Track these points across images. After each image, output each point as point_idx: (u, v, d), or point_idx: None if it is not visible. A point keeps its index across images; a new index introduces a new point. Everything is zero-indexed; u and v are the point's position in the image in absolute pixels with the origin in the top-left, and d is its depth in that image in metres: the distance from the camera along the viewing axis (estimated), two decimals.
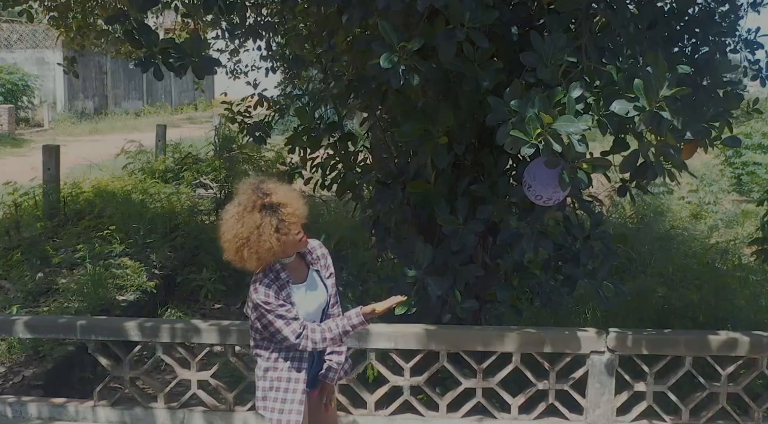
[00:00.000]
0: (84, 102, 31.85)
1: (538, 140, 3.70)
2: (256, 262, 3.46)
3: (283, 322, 3.45)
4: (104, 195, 10.78)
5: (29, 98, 28.36)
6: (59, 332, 5.12)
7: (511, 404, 4.78)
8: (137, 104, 35.61)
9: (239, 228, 3.40)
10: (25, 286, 7.73)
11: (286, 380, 3.59)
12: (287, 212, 3.44)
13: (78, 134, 25.54)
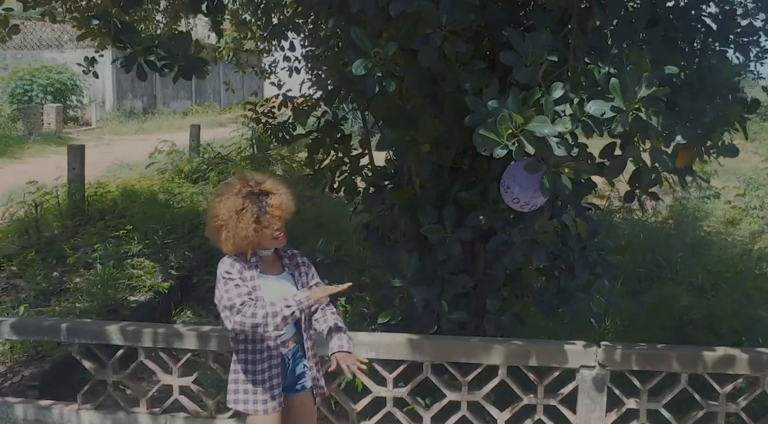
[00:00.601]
0: (132, 101, 32.30)
1: (510, 142, 3.54)
2: (232, 247, 3.46)
3: (235, 290, 3.41)
4: (130, 195, 10.83)
5: (78, 98, 28.82)
6: (44, 335, 5.09)
7: (498, 418, 4.60)
8: (186, 104, 36.01)
9: (221, 209, 3.44)
10: (38, 285, 7.77)
11: (256, 373, 3.57)
12: (272, 203, 3.44)
13: (124, 133, 25.90)
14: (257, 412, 3.59)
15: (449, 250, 4.72)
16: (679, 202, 13.28)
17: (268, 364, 3.58)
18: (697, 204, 13.41)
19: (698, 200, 13.91)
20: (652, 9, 4.58)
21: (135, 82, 32.24)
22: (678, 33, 4.60)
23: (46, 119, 25.45)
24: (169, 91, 36.17)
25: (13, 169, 16.20)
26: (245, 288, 3.43)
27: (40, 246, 8.63)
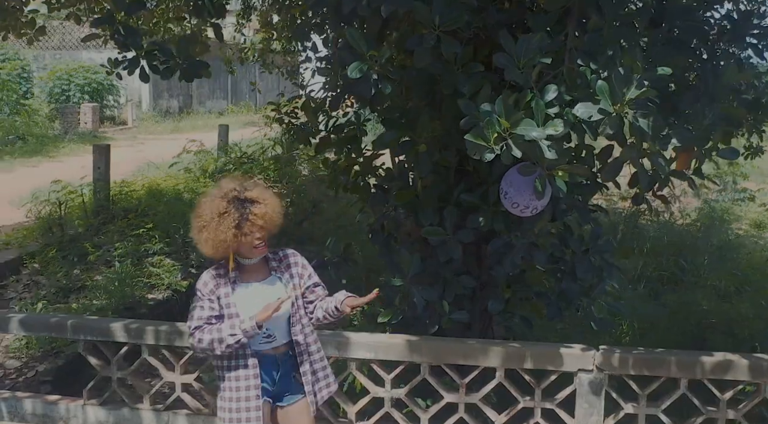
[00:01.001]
0: (168, 101, 32.60)
1: (498, 145, 3.53)
2: (212, 249, 3.47)
3: (197, 312, 3.49)
4: (155, 194, 10.95)
5: (115, 97, 29.19)
6: (51, 331, 5.18)
7: (495, 420, 4.60)
8: (222, 104, 36.24)
9: (205, 209, 3.46)
10: (59, 282, 7.90)
11: (237, 389, 3.55)
12: (255, 211, 3.44)
13: (159, 133, 26.18)
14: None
15: (450, 251, 4.72)
16: (708, 205, 13.09)
17: (245, 373, 3.55)
18: (727, 206, 13.21)
19: (730, 203, 13.71)
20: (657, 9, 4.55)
21: (171, 82, 32.49)
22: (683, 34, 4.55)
23: (82, 118, 25.85)
24: (205, 91, 36.44)
25: (46, 167, 16.46)
26: (207, 311, 3.49)
27: (63, 244, 8.77)
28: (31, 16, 8.11)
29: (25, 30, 8.21)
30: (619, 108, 3.43)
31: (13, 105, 24.69)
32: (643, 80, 3.46)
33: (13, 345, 6.65)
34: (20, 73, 26.86)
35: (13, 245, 9.12)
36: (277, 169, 11.79)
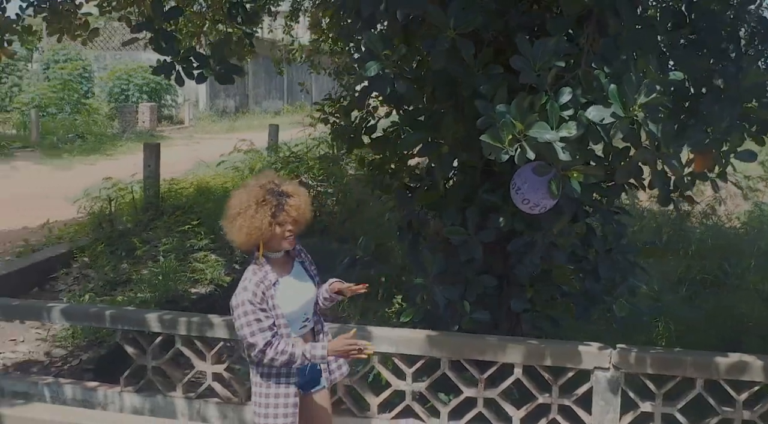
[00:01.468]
0: (225, 101, 33.17)
1: (512, 147, 3.63)
2: (245, 237, 3.54)
3: (257, 326, 3.47)
4: (203, 192, 11.24)
5: (173, 97, 29.82)
6: (91, 321, 5.43)
7: (513, 416, 4.69)
8: (277, 104, 36.73)
9: (243, 197, 3.56)
10: (107, 275, 8.20)
11: (277, 385, 3.64)
12: (290, 203, 3.56)
13: (215, 132, 26.65)
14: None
15: (471, 251, 4.83)
16: (759, 208, 12.92)
17: (287, 369, 3.64)
18: None
19: None
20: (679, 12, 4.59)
21: None
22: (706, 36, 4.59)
23: (140, 118, 26.49)
24: (261, 91, 36.98)
25: (103, 165, 16.98)
26: (266, 321, 3.50)
27: (112, 239, 9.09)
28: (84, 18, 8.42)
29: (79, 32, 8.50)
30: (630, 112, 3.49)
31: (74, 104, 25.44)
32: (654, 85, 3.51)
33: (60, 335, 6.94)
34: (81, 73, 27.64)
35: (65, 240, 9.49)
36: (322, 169, 11.97)
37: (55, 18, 8.06)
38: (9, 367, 6.35)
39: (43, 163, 18.87)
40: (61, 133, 22.30)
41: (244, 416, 5.01)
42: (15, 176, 17.20)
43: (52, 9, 7.95)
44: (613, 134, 3.61)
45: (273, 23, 14.74)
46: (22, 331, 7.15)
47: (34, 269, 8.41)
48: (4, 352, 6.69)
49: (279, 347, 3.45)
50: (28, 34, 8.58)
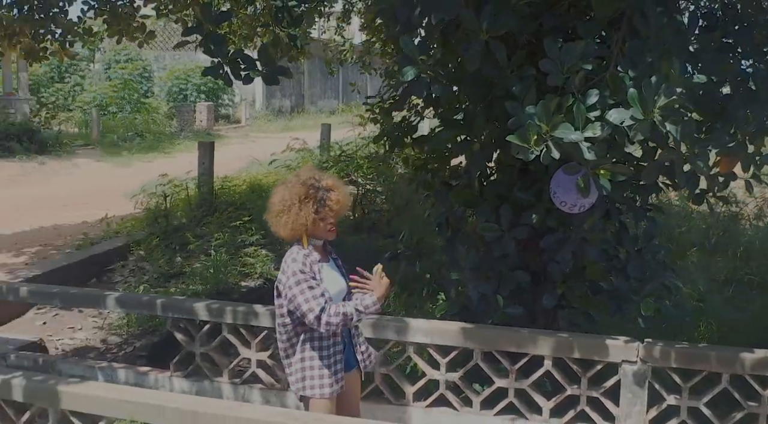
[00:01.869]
0: (281, 100, 33.65)
1: (538, 147, 3.80)
2: (289, 232, 3.78)
3: (310, 294, 3.66)
4: (255, 189, 11.56)
5: (230, 97, 30.38)
6: (143, 309, 5.74)
7: (543, 406, 4.85)
8: (332, 103, 37.11)
9: (286, 195, 3.78)
10: (161, 268, 8.53)
11: (321, 358, 3.85)
12: (332, 198, 3.79)
13: (271, 131, 27.07)
14: (324, 396, 3.85)
15: (504, 247, 5.00)
16: None
17: (333, 341, 3.88)
18: None
19: None
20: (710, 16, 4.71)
21: (284, 82, 33.27)
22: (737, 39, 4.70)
23: (198, 117, 27.07)
24: (316, 91, 37.39)
25: (160, 163, 17.43)
26: (318, 288, 3.70)
27: (167, 233, 9.44)
28: (141, 21, 8.77)
29: (137, 34, 8.85)
30: (649, 115, 3.63)
31: (134, 103, 26.10)
32: (674, 88, 3.65)
33: (116, 323, 7.29)
34: (141, 73, 28.34)
35: (122, 234, 9.89)
36: (371, 168, 12.20)
37: (114, 20, 8.43)
38: (67, 352, 6.71)
39: (103, 161, 19.47)
40: (121, 132, 22.94)
41: (286, 401, 5.25)
42: (77, 173, 17.81)
43: (112, 12, 8.33)
44: (633, 136, 3.76)
45: (326, 24, 15.06)
46: (80, 319, 7.51)
47: (92, 262, 8.80)
48: (62, 338, 7.05)
49: (332, 311, 3.65)
50: (89, 35, 8.97)
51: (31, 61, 9.26)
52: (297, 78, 35.07)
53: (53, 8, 8.13)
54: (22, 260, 9.32)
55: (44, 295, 6.03)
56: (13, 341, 6.39)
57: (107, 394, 3.87)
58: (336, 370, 3.89)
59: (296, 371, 3.92)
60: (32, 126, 21.00)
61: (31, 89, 25.95)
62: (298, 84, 35.36)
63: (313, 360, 3.86)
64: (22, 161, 18.15)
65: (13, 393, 4.00)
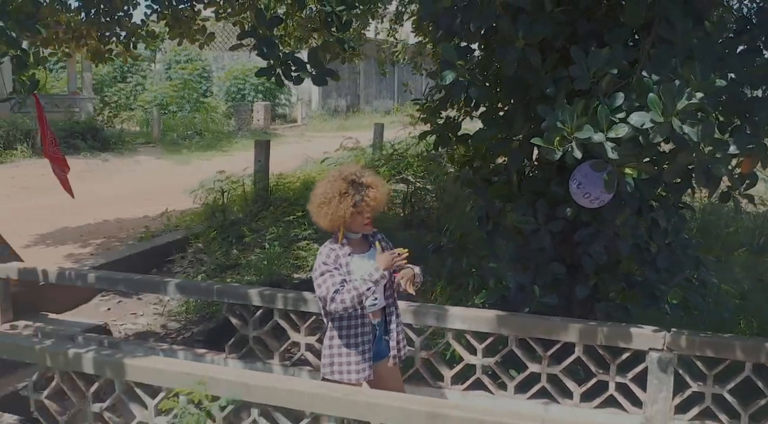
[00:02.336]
0: (337, 100, 34.15)
1: (562, 147, 4.09)
2: (328, 223, 4.12)
3: (330, 279, 4.02)
4: (309, 186, 11.96)
5: (286, 96, 30.98)
6: (200, 294, 6.15)
7: (574, 391, 5.12)
8: (387, 103, 37.48)
9: (328, 188, 4.12)
10: (218, 260, 8.98)
11: (346, 347, 4.19)
12: (371, 195, 4.11)
13: (326, 130, 27.58)
14: (350, 381, 4.17)
15: (540, 240, 5.28)
16: None
17: (362, 330, 4.21)
18: None
19: None
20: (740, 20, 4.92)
21: (340, 82, 33.91)
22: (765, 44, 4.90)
23: (255, 116, 27.72)
24: (372, 91, 37.81)
25: (219, 161, 17.99)
26: (338, 277, 4.05)
27: (224, 227, 9.91)
28: (202, 23, 9.21)
29: (197, 36, 9.29)
30: (668, 117, 3.89)
31: (193, 103, 26.82)
32: (693, 92, 3.90)
33: (175, 310, 7.74)
34: (201, 73, 29.08)
35: (182, 227, 10.40)
36: (420, 166, 12.52)
37: (176, 23, 8.87)
38: (129, 336, 7.16)
39: (163, 158, 20.13)
40: (180, 131, 23.64)
41: None
42: (138, 170, 18.47)
43: (174, 15, 8.77)
44: (653, 137, 4.01)
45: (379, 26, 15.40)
46: (141, 306, 7.98)
47: (153, 253, 9.31)
48: (125, 323, 7.52)
49: (344, 290, 3.99)
50: (152, 38, 9.45)
51: (96, 62, 9.74)
52: (353, 78, 35.58)
53: (118, 12, 8.61)
54: (87, 250, 9.87)
55: (110, 280, 6.49)
56: (80, 324, 6.87)
57: (168, 367, 4.25)
58: (364, 358, 4.20)
59: (325, 356, 4.27)
60: (96, 124, 21.81)
61: (95, 89, 26.85)
62: (354, 84, 35.84)
63: (341, 347, 4.20)
64: (86, 158, 18.89)
65: (83, 366, 4.40)
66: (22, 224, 10.95)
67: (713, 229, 11.01)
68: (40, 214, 12.05)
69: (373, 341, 4.31)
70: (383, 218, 10.60)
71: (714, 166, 4.28)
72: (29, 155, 18.18)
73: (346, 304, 4.01)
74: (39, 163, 16.42)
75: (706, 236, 10.65)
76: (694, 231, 10.74)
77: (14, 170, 16.70)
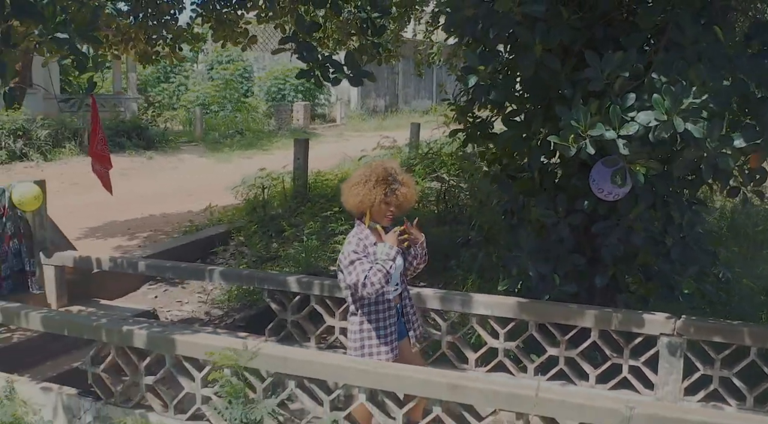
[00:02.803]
0: (375, 100, 34.58)
1: (577, 144, 4.43)
2: (357, 203, 4.45)
3: (360, 267, 4.34)
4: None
5: (326, 97, 31.48)
6: (243, 282, 6.59)
7: (590, 374, 5.46)
8: (426, 103, 37.84)
9: (367, 172, 4.48)
10: (258, 252, 9.43)
11: (376, 329, 4.55)
12: (401, 190, 4.48)
13: (364, 130, 27.98)
14: (382, 361, 4.46)
15: (560, 231, 5.63)
16: None
17: (388, 314, 4.56)
18: None
19: None
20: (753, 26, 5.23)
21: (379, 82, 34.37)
22: None
23: (295, 116, 28.24)
24: (410, 91, 38.19)
25: (259, 159, 18.50)
26: (367, 264, 4.36)
27: (264, 221, 10.37)
28: (244, 26, 9.66)
29: (239, 39, 9.73)
30: (671, 115, 4.22)
31: (234, 103, 27.41)
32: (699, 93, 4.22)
33: (218, 298, 8.20)
34: (242, 73, 29.67)
35: (224, 221, 10.88)
36: (454, 164, 12.87)
37: (220, 26, 9.33)
38: (175, 322, 7.62)
39: (206, 157, 20.70)
40: (222, 130, 24.22)
41: None
42: (181, 168, 19.03)
43: (218, 19, 9.23)
44: (658, 135, 4.35)
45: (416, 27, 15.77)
46: (186, 294, 8.46)
47: (197, 245, 9.78)
48: (171, 310, 7.99)
49: (371, 273, 4.31)
50: (197, 40, 9.91)
51: (144, 64, 10.23)
52: (392, 78, 35.99)
53: (165, 15, 9.09)
54: (135, 242, 10.39)
55: (158, 268, 6.96)
56: (130, 309, 7.35)
57: (213, 342, 4.67)
58: (391, 339, 4.55)
59: (355, 340, 4.59)
60: (141, 123, 22.43)
61: (139, 89, 27.53)
62: (393, 84, 36.24)
63: (371, 331, 4.54)
64: (131, 156, 19.50)
65: (136, 341, 4.84)
66: (73, 218, 11.49)
67: (743, 228, 11.20)
68: (89, 209, 12.61)
69: (397, 322, 4.67)
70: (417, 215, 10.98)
71: (720, 161, 4.60)
72: (77, 153, 18.81)
73: (376, 286, 4.34)
74: (86, 161, 16.95)
75: (736, 235, 10.85)
76: (724, 229, 10.98)
77: (63, 168, 17.32)
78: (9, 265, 6.97)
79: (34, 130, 18.31)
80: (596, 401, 3.79)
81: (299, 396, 4.44)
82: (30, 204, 6.85)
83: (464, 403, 4.03)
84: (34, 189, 6.83)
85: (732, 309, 7.46)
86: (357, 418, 4.46)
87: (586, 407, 3.74)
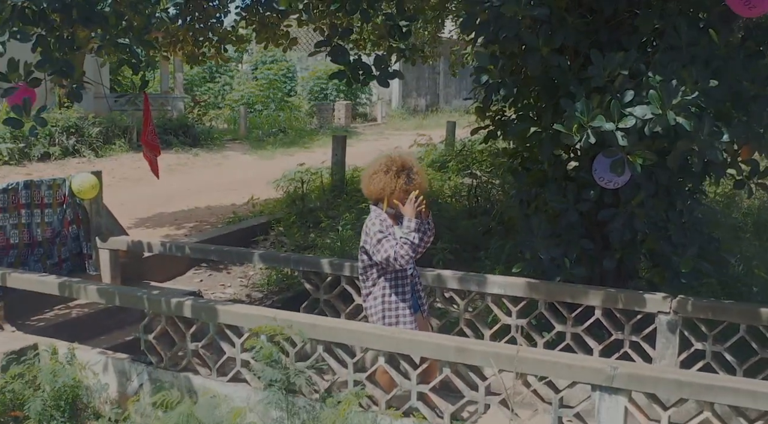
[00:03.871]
0: (416, 100, 35.11)
1: (580, 134, 4.94)
2: (378, 190, 5.03)
3: (387, 243, 4.91)
4: None
5: (367, 96, 32.10)
6: (280, 264, 7.19)
7: (594, 349, 5.95)
8: (466, 102, 38.21)
9: (387, 162, 5.07)
10: (297, 242, 10.03)
11: (397, 302, 5.14)
12: (417, 180, 5.08)
13: (404, 129, 28.53)
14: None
15: (569, 218, 6.12)
16: None
17: (408, 288, 5.16)
18: None
19: None
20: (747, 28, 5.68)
21: (420, 82, 35.01)
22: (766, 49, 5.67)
23: (336, 115, 28.89)
24: (451, 91, 38.63)
25: (300, 156, 19.13)
26: (392, 241, 4.93)
27: (302, 213, 10.99)
28: (286, 29, 10.25)
29: (281, 41, 10.33)
30: (665, 110, 4.70)
31: (278, 102, 28.14)
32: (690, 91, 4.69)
33: (259, 282, 8.82)
34: (286, 73, 30.38)
35: (265, 213, 11.56)
36: (486, 160, 13.38)
37: (262, 29, 9.93)
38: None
39: (249, 154, 21.44)
40: (265, 128, 24.96)
41: None
42: (225, 164, 19.77)
43: (261, 21, 9.83)
44: (652, 127, 4.83)
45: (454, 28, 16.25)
46: (229, 279, 9.09)
47: (239, 235, 10.41)
48: (215, 292, 8.62)
49: (398, 247, 4.87)
50: (242, 42, 10.52)
51: (191, 64, 10.89)
52: (432, 78, 36.49)
53: (211, 19, 9.72)
54: (181, 232, 11.07)
55: (204, 251, 7.58)
56: (177, 290, 7.97)
57: (251, 311, 5.27)
58: (409, 312, 5.14)
59: (376, 312, 5.17)
60: (187, 122, 23.24)
61: (185, 88, 28.38)
62: (433, 84, 36.72)
63: (391, 303, 5.12)
64: (177, 153, 20.29)
65: (183, 311, 5.44)
66: (124, 209, 12.20)
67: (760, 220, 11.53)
68: (139, 201, 13.36)
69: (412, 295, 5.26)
70: (449, 208, 11.52)
71: (710, 153, 5.08)
72: (126, 150, 19.64)
73: (405, 257, 4.89)
74: (135, 157, 17.89)
75: (760, 228, 11.19)
76: (749, 225, 11.33)
77: (113, 163, 18.14)
78: (68, 248, 7.64)
79: (86, 128, 19.16)
80: (585, 362, 4.30)
81: (326, 359, 5.00)
82: (87, 193, 7.51)
83: (470, 364, 4.55)
84: (92, 179, 7.50)
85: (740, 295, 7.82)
86: (377, 379, 5.02)
87: (576, 367, 4.24)
